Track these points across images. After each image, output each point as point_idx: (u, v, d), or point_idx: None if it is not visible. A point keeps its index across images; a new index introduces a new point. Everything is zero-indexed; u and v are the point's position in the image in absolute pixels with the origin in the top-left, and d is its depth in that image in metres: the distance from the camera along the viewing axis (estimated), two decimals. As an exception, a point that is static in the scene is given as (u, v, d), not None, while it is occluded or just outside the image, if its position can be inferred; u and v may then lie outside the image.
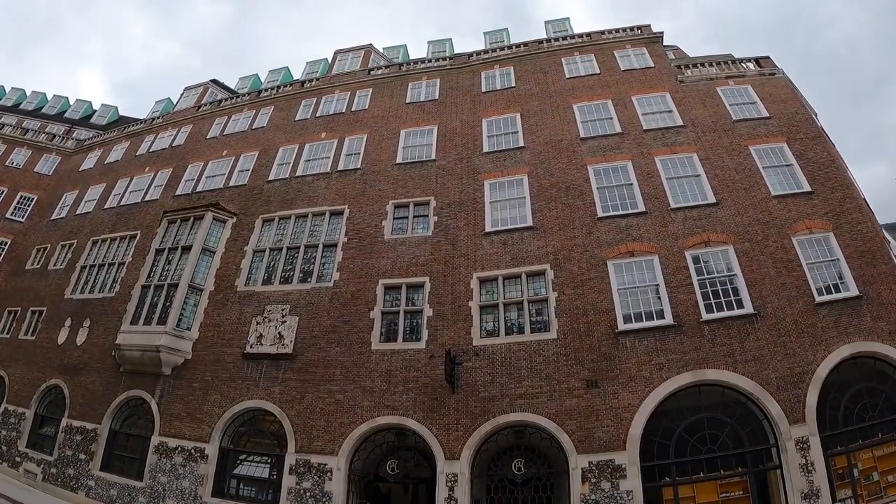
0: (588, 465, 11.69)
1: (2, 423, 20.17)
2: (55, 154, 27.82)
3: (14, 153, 27.88)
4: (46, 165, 27.40)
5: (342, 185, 18.92)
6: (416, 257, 16.31)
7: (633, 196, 15.61)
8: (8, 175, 27.07)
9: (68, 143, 28.28)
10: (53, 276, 22.47)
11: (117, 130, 27.45)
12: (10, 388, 20.67)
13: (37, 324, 21.61)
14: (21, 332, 21.82)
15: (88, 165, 26.34)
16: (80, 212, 24.13)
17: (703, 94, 18.24)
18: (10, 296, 23.35)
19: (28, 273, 23.56)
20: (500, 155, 18.04)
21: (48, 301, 21.76)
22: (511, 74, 20.69)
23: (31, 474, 18.77)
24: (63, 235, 23.69)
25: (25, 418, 19.68)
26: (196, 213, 19.31)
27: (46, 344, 20.67)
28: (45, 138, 28.62)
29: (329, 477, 13.48)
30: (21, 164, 27.41)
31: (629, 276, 13.98)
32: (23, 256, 24.45)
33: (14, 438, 19.58)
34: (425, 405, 13.52)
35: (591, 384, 12.52)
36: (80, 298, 20.95)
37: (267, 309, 16.98)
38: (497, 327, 14.10)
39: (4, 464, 19.41)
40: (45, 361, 20.24)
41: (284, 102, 23.03)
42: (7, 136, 28.71)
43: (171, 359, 17.17)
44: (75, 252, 22.53)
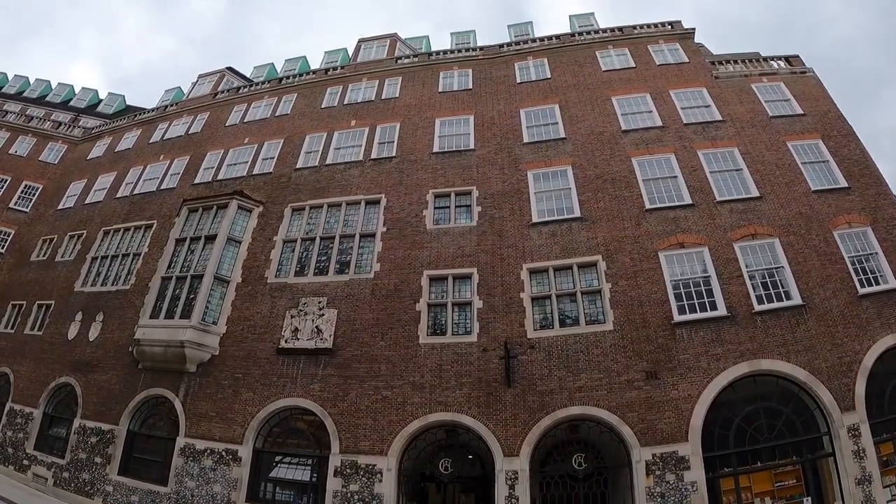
0: (651, 458, 11.13)
1: (7, 424, 18.17)
2: (61, 142, 25.65)
3: (18, 141, 25.66)
4: (52, 154, 25.22)
5: (377, 174, 17.48)
6: (462, 248, 15.13)
7: (678, 189, 15.00)
8: (12, 164, 24.84)
9: (74, 132, 26.11)
10: (61, 268, 20.46)
11: (127, 118, 25.42)
12: (16, 387, 18.67)
13: (44, 318, 19.61)
14: (27, 326, 19.78)
15: (97, 154, 24.28)
16: (89, 201, 22.14)
17: (738, 91, 17.70)
18: (14, 289, 21.25)
19: (33, 265, 21.48)
20: (542, 145, 17.02)
21: (56, 294, 19.76)
22: (545, 66, 19.64)
23: (40, 479, 16.82)
24: (71, 226, 21.67)
25: (33, 418, 17.72)
26: (219, 201, 17.62)
27: (55, 339, 18.71)
28: (51, 126, 26.42)
29: (379, 478, 12.28)
30: (25, 153, 25.21)
31: (681, 268, 13.44)
32: (28, 248, 22.33)
33: (21, 440, 17.60)
34: (480, 400, 12.51)
35: (651, 376, 11.96)
36: (91, 291, 19.02)
37: (302, 301, 15.41)
38: (551, 319, 13.22)
39: (11, 467, 17.42)
40: (53, 358, 18.29)
41: (308, 90, 21.44)
42: (10, 123, 26.44)
43: (197, 355, 15.47)
44: (85, 243, 20.58)
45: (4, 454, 17.70)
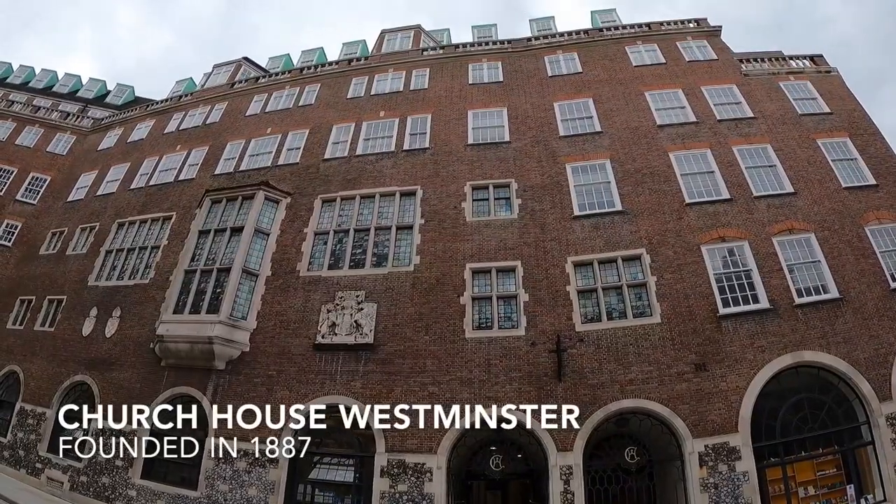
0: (704, 449, 10.91)
1: (18, 425, 16.70)
2: (69, 133, 23.98)
3: (25, 132, 23.94)
4: (60, 145, 23.58)
5: (411, 165, 16.53)
6: (504, 240, 14.41)
7: (716, 183, 14.72)
8: (18, 155, 23.14)
9: (83, 122, 24.48)
10: (73, 261, 19.00)
11: (139, 108, 23.89)
12: (27, 386, 17.21)
13: (56, 314, 18.15)
14: (37, 323, 18.29)
15: (108, 144, 22.75)
16: (101, 193, 20.67)
17: (767, 88, 17.50)
18: (22, 283, 19.70)
19: (43, 259, 19.95)
20: (579, 139, 16.43)
21: (68, 289, 18.32)
22: (576, 60, 18.99)
23: (55, 483, 15.47)
24: (82, 218, 20.18)
25: (46, 419, 16.32)
26: (245, 192, 16.41)
27: (68, 336, 17.30)
28: (59, 117, 24.74)
29: (429, 477, 11.56)
30: (32, 144, 23.52)
31: (723, 261, 13.19)
32: (36, 241, 20.75)
33: (33, 442, 16.20)
34: (531, 395, 11.92)
35: (700, 368, 11.72)
36: (106, 286, 17.63)
37: (338, 295, 14.34)
38: (598, 312, 12.78)
39: (23, 470, 16.02)
40: (67, 355, 16.90)
41: (332, 80, 20.31)
42: (16, 113, 24.67)
43: (227, 351, 14.29)
44: (98, 235, 19.14)
45: (15, 457, 16.28)
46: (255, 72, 23.05)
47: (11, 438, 16.65)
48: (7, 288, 19.94)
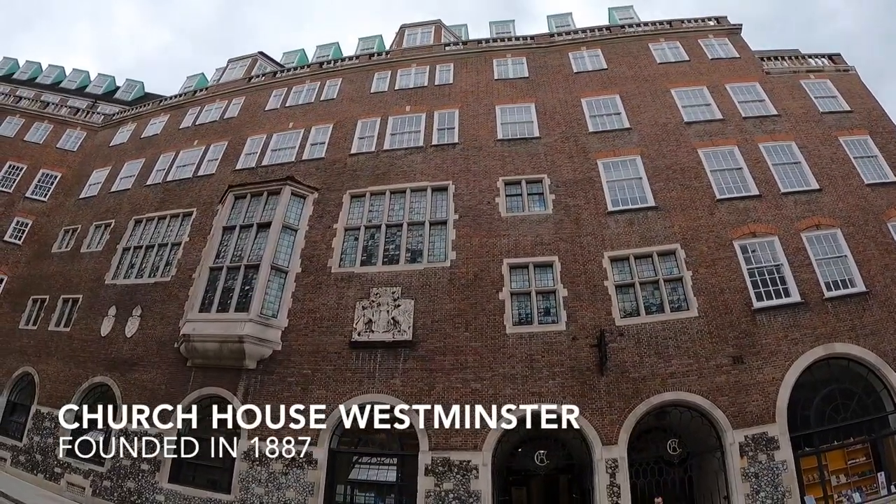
0: (744, 440, 10.85)
1: (34, 428, 15.84)
2: (80, 129, 22.96)
3: (33, 128, 22.86)
4: (70, 141, 22.55)
5: (441, 160, 16.01)
6: (540, 236, 14.07)
7: (744, 180, 14.61)
8: (27, 151, 22.07)
9: (93, 118, 23.47)
10: (88, 259, 18.13)
11: (151, 104, 22.98)
12: (42, 388, 16.37)
13: (71, 313, 17.30)
14: (51, 323, 17.42)
15: (121, 140, 21.82)
16: (115, 189, 19.79)
17: (789, 86, 17.40)
18: (34, 282, 18.77)
19: (56, 257, 19.03)
20: (609, 135, 16.13)
21: (84, 287, 17.47)
22: (600, 56, 18.64)
23: (76, 488, 14.67)
24: (97, 215, 19.29)
25: (64, 422, 15.34)
26: (270, 187, 15.76)
27: (86, 336, 16.48)
28: (68, 112, 23.66)
29: (475, 474, 11.19)
30: (42, 140, 22.47)
31: (755, 256, 13.13)
32: (48, 239, 19.80)
33: (51, 446, 15.37)
34: (574, 390, 11.71)
35: (737, 360, 11.68)
36: (125, 284, 16.83)
37: (373, 292, 13.77)
38: (636, 307, 12.61)
39: (41, 475, 15.19)
40: (85, 356, 16.10)
41: (354, 75, 19.67)
42: (25, 109, 23.55)
43: (258, 350, 13.63)
44: (114, 232, 18.29)
45: (32, 461, 15.44)
46: (271, 66, 22.30)
47: (27, 442, 15.80)
48: (19, 287, 19.00)
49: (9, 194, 20.82)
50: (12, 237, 20.03)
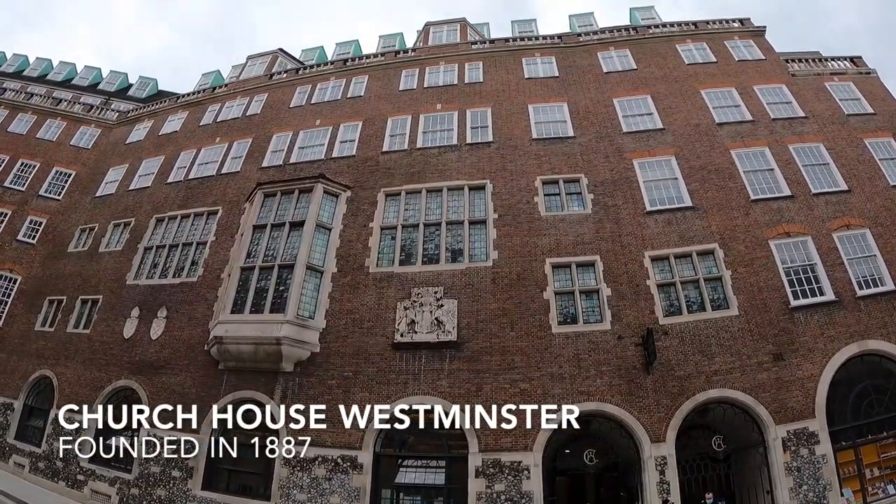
0: (786, 435, 10.91)
1: (53, 434, 15.10)
2: (94, 126, 22.14)
3: (46, 125, 22.00)
4: (84, 138, 21.73)
5: (477, 159, 15.71)
6: (581, 235, 13.89)
7: (776, 180, 14.61)
8: (40, 149, 21.22)
9: (107, 115, 22.65)
10: (108, 259, 17.45)
11: (168, 101, 22.25)
12: (61, 392, 15.67)
13: (90, 314, 16.61)
14: (70, 324, 16.71)
15: (138, 137, 21.10)
16: (133, 187, 19.11)
17: (814, 89, 17.45)
18: (50, 283, 18.01)
19: (72, 256, 18.28)
20: (643, 135, 16.00)
21: (104, 288, 16.80)
22: (629, 57, 18.50)
23: (101, 496, 14.04)
24: (115, 213, 18.60)
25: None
26: (302, 185, 15.28)
27: (107, 338, 15.83)
28: (82, 109, 22.82)
29: (526, 475, 11.03)
30: (55, 137, 21.63)
31: (789, 255, 13.18)
32: (63, 238, 19.03)
33: (72, 452, 14.55)
34: (622, 388, 11.67)
35: (777, 357, 11.73)
36: (148, 284, 16.20)
37: (415, 292, 13.38)
38: (679, 306, 12.56)
39: (62, 483, 14.49)
40: (107, 359, 15.46)
41: (381, 72, 19.25)
42: (36, 106, 22.66)
43: (296, 352, 13.16)
44: (134, 231, 17.63)
45: (52, 468, 14.75)
46: (292, 63, 21.76)
47: (46, 448, 15.09)
48: (33, 288, 18.22)
49: (21, 192, 20.01)
50: (26, 236, 19.23)
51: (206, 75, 23.88)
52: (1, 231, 19.15)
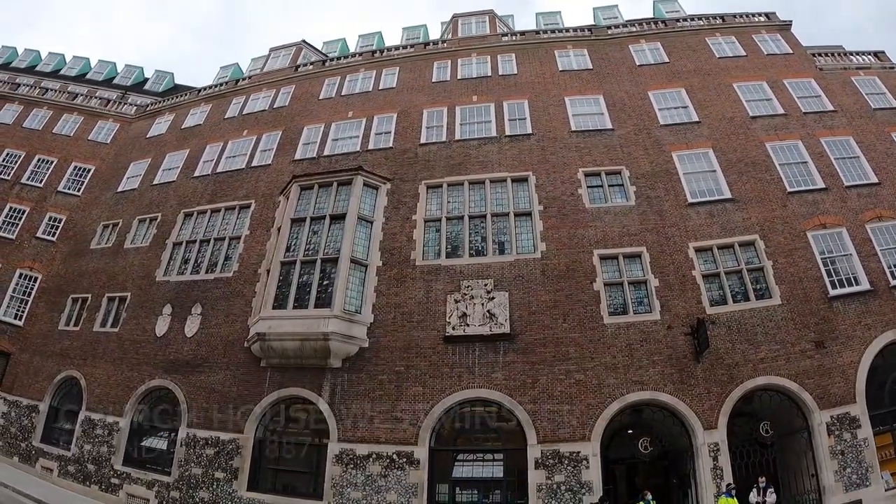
0: (830, 420, 11.11)
1: (84, 436, 14.67)
2: (112, 120, 21.54)
3: (62, 120, 21.39)
4: (103, 133, 21.12)
5: (518, 151, 15.55)
6: (626, 227, 13.85)
7: (811, 173, 14.72)
8: (57, 144, 20.61)
9: (124, 109, 22.04)
10: (134, 255, 16.96)
11: (189, 94, 21.74)
12: (91, 393, 15.23)
13: (118, 313, 16.12)
14: (96, 323, 16.22)
15: (159, 131, 20.57)
16: (158, 181, 18.61)
17: (841, 83, 17.53)
18: (73, 281, 17.48)
19: (96, 253, 17.75)
20: (680, 128, 15.94)
21: (132, 285, 16.33)
22: (660, 50, 18.40)
23: (138, 500, 13.54)
24: (139, 209, 18.10)
25: (119, 429, 14.33)
26: (340, 177, 14.97)
27: (138, 337, 15.38)
28: (99, 104, 22.20)
29: (585, 465, 11.04)
30: (72, 132, 21.01)
31: (826, 246, 13.37)
32: (85, 235, 18.47)
33: (105, 455, 14.28)
34: (673, 377, 11.73)
35: (819, 345, 11.93)
36: (179, 280, 15.77)
37: (464, 285, 13.18)
38: (723, 295, 12.68)
39: (95, 486, 14.14)
40: (139, 358, 15.05)
41: (411, 63, 18.99)
42: (52, 101, 22.02)
43: (344, 348, 12.87)
44: (161, 227, 17.17)
45: (84, 472, 14.30)
46: (316, 55, 21.41)
47: (76, 451, 14.64)
48: (55, 286, 17.65)
49: (40, 189, 19.41)
50: (46, 233, 18.64)
51: (225, 68, 23.45)
52: (19, 228, 18.56)
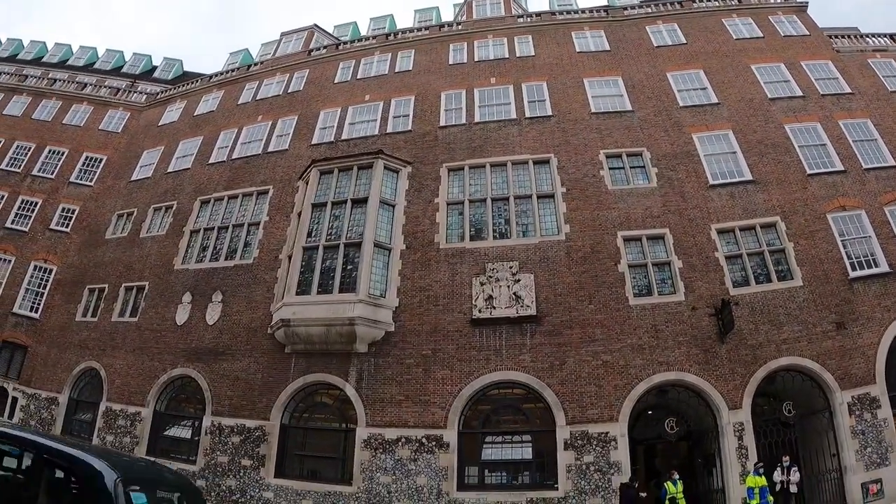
0: (851, 400, 11.17)
1: (105, 427, 14.59)
2: (122, 109, 21.32)
3: (72, 111, 21.21)
4: (113, 122, 20.92)
5: (538, 133, 15.41)
6: (649, 208, 13.78)
7: (829, 155, 14.64)
8: (67, 134, 20.43)
9: (134, 97, 21.82)
10: (151, 244, 16.85)
11: (201, 80, 21.50)
12: (111, 383, 15.19)
13: (136, 302, 16.03)
14: (114, 313, 16.15)
15: (171, 119, 20.38)
16: (172, 169, 18.47)
17: (858, 65, 17.30)
18: (88, 271, 17.38)
19: (111, 243, 17.64)
20: (699, 109, 15.78)
21: (150, 274, 16.24)
22: (678, 31, 18.18)
23: (164, 488, 13.35)
24: (154, 197, 17.96)
25: (141, 419, 14.26)
26: (360, 161, 14.82)
27: (158, 326, 15.31)
28: (108, 93, 21.98)
29: (613, 445, 11.13)
30: (82, 122, 20.83)
31: (846, 228, 13.39)
32: (99, 225, 18.35)
33: (128, 445, 14.25)
34: (699, 358, 11.77)
35: (840, 326, 11.99)
36: (198, 268, 15.68)
37: (489, 267, 13.10)
38: (746, 277, 12.72)
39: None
40: (160, 347, 14.98)
41: (427, 45, 18.76)
42: (60, 91, 21.81)
43: (370, 332, 12.80)
44: (177, 215, 17.07)
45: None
46: (328, 39, 21.18)
47: (99, 442, 14.51)
48: (71, 277, 17.55)
49: (51, 180, 19.27)
50: (59, 225, 18.51)
51: (234, 54, 23.20)
52: (32, 220, 18.43)
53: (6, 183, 19.24)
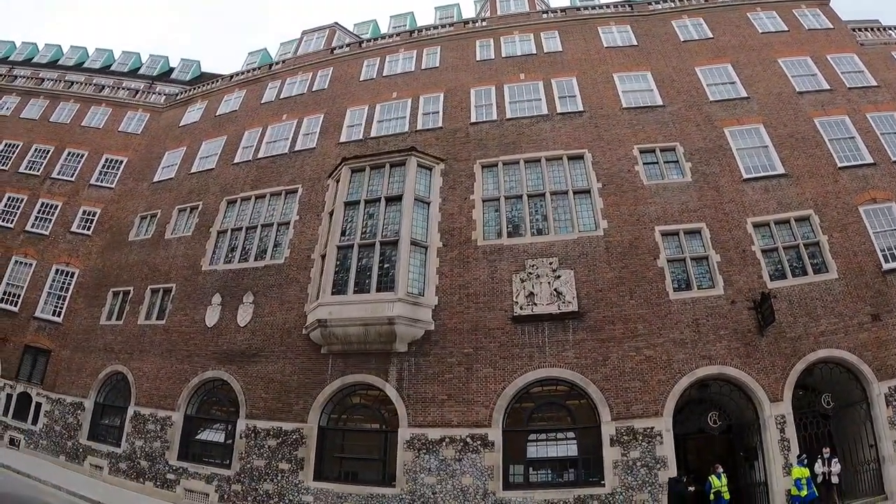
0: (888, 391, 11.07)
1: (134, 432, 14.44)
2: (141, 111, 21.20)
3: (90, 113, 21.11)
4: (133, 124, 20.80)
5: (571, 128, 15.40)
6: (685, 203, 13.78)
7: (858, 148, 14.61)
8: (86, 137, 20.31)
9: (153, 99, 21.70)
10: (176, 245, 16.72)
11: (221, 80, 21.40)
12: (139, 388, 15.02)
13: (163, 304, 15.89)
14: (140, 316, 16.00)
15: (193, 119, 20.27)
16: (196, 170, 18.36)
17: (883, 58, 17.28)
18: (112, 274, 17.22)
19: (135, 245, 17.49)
20: (729, 104, 15.77)
21: (176, 275, 16.11)
22: (703, 25, 18.23)
23: (198, 495, 13.36)
24: (178, 198, 17.84)
25: (172, 423, 14.08)
26: (392, 158, 14.77)
27: (187, 328, 15.17)
28: (127, 94, 21.86)
29: (659, 440, 11.09)
30: (101, 124, 20.73)
31: (878, 220, 13.38)
32: (122, 227, 18.19)
33: (158, 450, 14.09)
34: (739, 351, 11.81)
35: (875, 318, 11.98)
36: (227, 269, 15.56)
37: (529, 263, 13.05)
38: (782, 270, 12.76)
39: (149, 483, 13.92)
40: (189, 350, 14.84)
41: (452, 42, 18.76)
42: (79, 93, 21.69)
43: (410, 332, 12.72)
44: (203, 215, 16.96)
45: (136, 468, 14.12)
46: (350, 37, 21.16)
47: (127, 447, 14.45)
48: (93, 280, 17.39)
49: (72, 183, 19.14)
50: (80, 227, 18.35)
51: (253, 54, 23.13)
52: (53, 223, 18.30)
53: (25, 186, 19.12)
